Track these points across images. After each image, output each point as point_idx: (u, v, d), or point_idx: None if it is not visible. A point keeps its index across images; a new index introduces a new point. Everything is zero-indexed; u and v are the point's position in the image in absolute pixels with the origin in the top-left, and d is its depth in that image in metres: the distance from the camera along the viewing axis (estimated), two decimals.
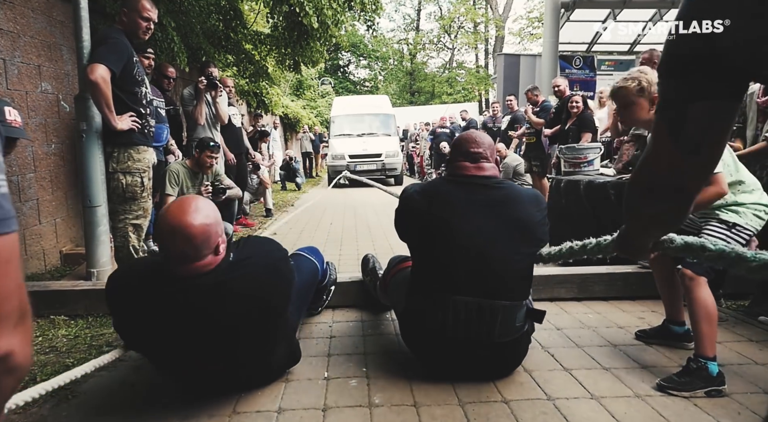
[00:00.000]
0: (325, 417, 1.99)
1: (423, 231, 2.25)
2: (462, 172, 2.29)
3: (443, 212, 2.19)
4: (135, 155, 3.43)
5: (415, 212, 2.28)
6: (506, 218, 2.17)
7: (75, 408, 2.09)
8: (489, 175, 2.28)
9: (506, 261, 2.15)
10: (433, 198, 2.25)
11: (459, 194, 2.22)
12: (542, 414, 1.97)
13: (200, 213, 1.80)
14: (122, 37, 3.34)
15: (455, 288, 2.15)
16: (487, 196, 2.20)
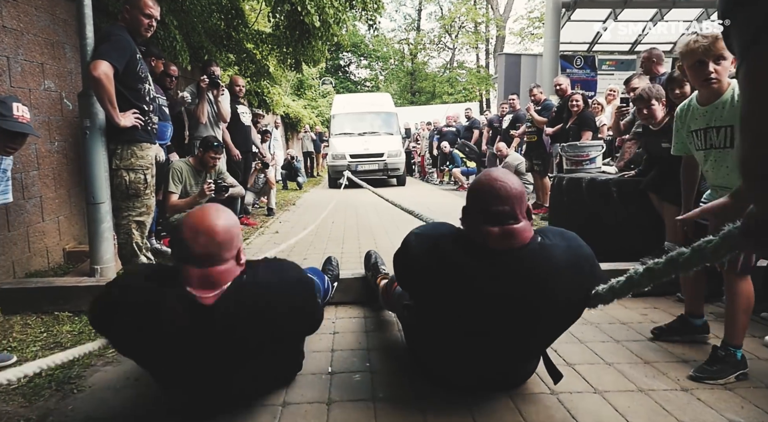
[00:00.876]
0: (330, 411, 2.00)
1: (428, 297, 1.94)
2: (483, 241, 1.80)
3: (457, 285, 1.80)
4: (138, 152, 3.44)
5: (419, 273, 1.91)
6: (541, 299, 1.77)
7: (80, 402, 2.10)
8: (522, 243, 1.79)
9: (544, 337, 1.97)
10: (445, 263, 1.83)
11: (478, 269, 1.78)
12: (546, 409, 1.98)
13: (223, 216, 1.77)
14: (125, 34, 3.35)
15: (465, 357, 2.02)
16: (515, 272, 1.77)
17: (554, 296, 1.78)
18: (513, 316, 1.80)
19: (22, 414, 1.99)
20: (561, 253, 1.80)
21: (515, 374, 2.14)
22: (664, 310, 3.10)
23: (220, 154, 4.61)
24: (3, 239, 3.76)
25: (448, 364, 2.12)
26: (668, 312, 3.06)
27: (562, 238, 1.87)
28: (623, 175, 4.13)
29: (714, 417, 1.89)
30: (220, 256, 1.73)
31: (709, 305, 3.15)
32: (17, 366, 1.51)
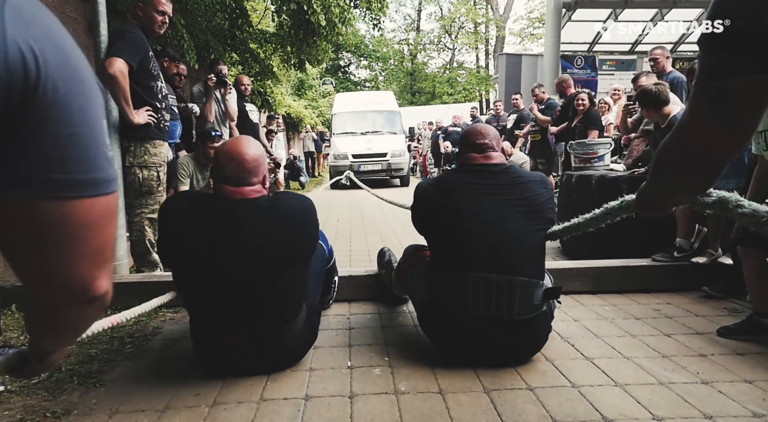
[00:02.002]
0: (353, 404, 2.01)
1: (439, 220, 2.36)
2: (471, 162, 2.43)
3: (456, 199, 2.32)
4: (151, 149, 3.45)
5: (430, 204, 2.41)
6: (515, 199, 2.30)
7: (103, 396, 2.11)
8: (496, 163, 2.41)
9: (519, 239, 2.25)
10: (445, 187, 2.39)
11: (469, 181, 2.35)
12: (568, 401, 1.99)
13: (253, 147, 2.15)
14: (138, 31, 3.36)
15: (473, 266, 2.24)
16: (495, 181, 2.34)
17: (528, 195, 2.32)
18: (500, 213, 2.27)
19: (47, 408, 2.00)
20: (529, 172, 2.51)
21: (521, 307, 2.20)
22: (677, 306, 3.12)
23: (217, 144, 4.57)
24: None
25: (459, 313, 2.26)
26: (682, 308, 3.07)
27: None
28: (633, 172, 4.15)
29: (737, 409, 1.90)
30: (249, 179, 2.10)
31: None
32: None
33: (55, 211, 0.64)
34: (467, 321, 2.24)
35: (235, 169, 2.08)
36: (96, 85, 0.69)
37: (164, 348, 2.64)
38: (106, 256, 0.74)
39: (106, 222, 0.70)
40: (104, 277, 0.74)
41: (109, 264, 0.76)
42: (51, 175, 0.63)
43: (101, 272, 0.74)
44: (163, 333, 2.86)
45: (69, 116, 0.63)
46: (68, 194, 0.65)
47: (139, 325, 2.94)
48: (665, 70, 5.59)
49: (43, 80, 0.60)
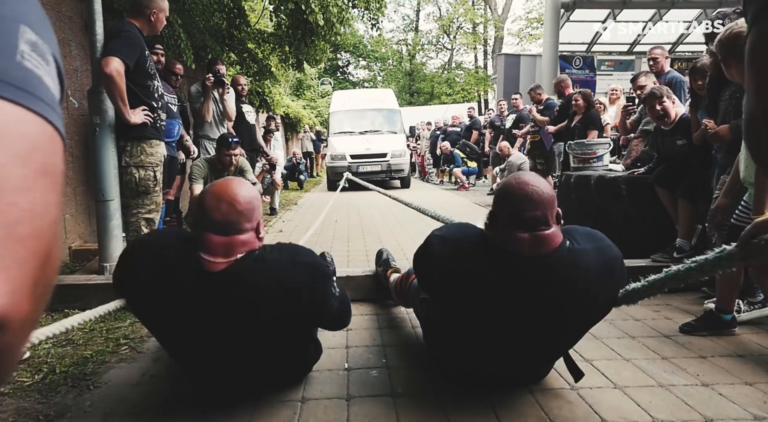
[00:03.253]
0: (350, 407, 1.99)
1: (451, 300, 1.91)
2: (514, 248, 1.76)
3: (482, 291, 1.78)
4: (148, 149, 3.42)
5: (443, 277, 1.87)
6: (569, 305, 1.76)
7: (97, 398, 2.08)
8: (550, 251, 1.74)
9: (556, 348, 2.00)
10: (470, 270, 1.80)
11: (506, 277, 1.75)
12: (568, 404, 1.97)
13: (245, 187, 1.81)
14: (134, 30, 3.34)
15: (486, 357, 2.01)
16: (545, 279, 1.73)
17: (584, 302, 1.77)
18: (540, 323, 1.79)
19: (40, 410, 1.98)
20: (590, 258, 1.77)
21: (536, 373, 2.13)
22: (676, 307, 3.10)
23: (234, 151, 4.55)
24: None
25: (466, 362, 2.10)
26: (681, 309, 3.06)
27: (590, 240, 1.84)
28: (632, 172, 4.14)
29: (737, 411, 1.89)
30: (240, 225, 1.75)
31: None
32: None
33: None
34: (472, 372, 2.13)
35: (225, 213, 1.72)
36: None
37: (159, 349, 2.60)
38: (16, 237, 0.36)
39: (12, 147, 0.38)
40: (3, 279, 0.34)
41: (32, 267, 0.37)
42: None
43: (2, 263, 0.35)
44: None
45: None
46: None
47: (134, 327, 2.91)
48: (663, 70, 5.58)
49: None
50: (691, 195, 3.50)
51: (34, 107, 0.42)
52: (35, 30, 0.46)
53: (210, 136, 5.61)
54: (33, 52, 0.45)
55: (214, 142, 5.26)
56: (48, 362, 2.43)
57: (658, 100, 3.61)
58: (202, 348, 1.84)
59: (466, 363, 2.10)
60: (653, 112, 3.68)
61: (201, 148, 5.64)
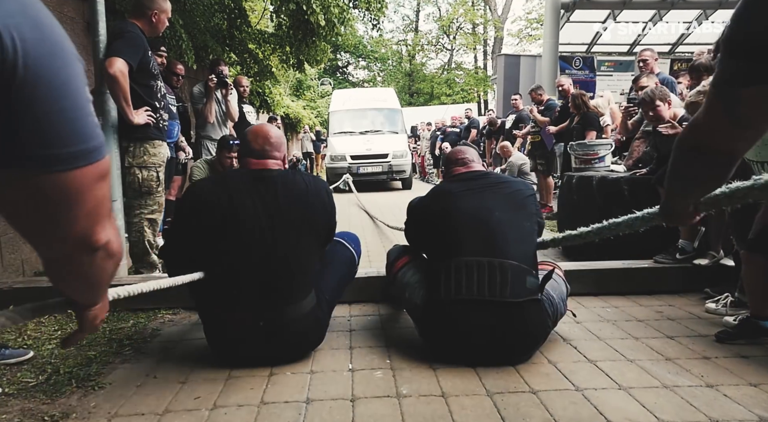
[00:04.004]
0: (355, 407, 1.99)
1: (430, 224, 2.57)
2: (455, 173, 2.71)
3: (444, 201, 2.54)
4: (151, 149, 3.43)
5: (421, 212, 2.68)
6: (498, 193, 2.50)
7: (102, 399, 2.08)
8: (478, 169, 2.71)
9: (505, 226, 2.38)
10: (434, 195, 2.68)
11: (456, 186, 2.60)
12: (572, 404, 1.97)
13: (275, 129, 2.49)
14: (137, 31, 3.34)
15: (463, 251, 2.34)
16: (479, 183, 2.57)
17: (510, 190, 2.53)
18: (487, 206, 2.42)
19: (45, 411, 1.98)
20: (507, 176, 2.80)
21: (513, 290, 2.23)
22: (679, 308, 3.10)
23: (235, 153, 4.54)
24: (12, 238, 3.74)
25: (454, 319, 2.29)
26: (683, 310, 3.06)
27: None
28: (635, 173, 4.14)
29: (743, 413, 1.89)
30: (271, 153, 2.37)
31: None
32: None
33: (55, 182, 0.71)
34: (460, 306, 2.26)
35: (261, 142, 2.35)
36: (74, 53, 0.71)
37: (163, 350, 2.61)
38: (102, 212, 0.82)
39: (99, 184, 0.77)
40: (103, 230, 0.83)
41: (107, 218, 0.83)
42: (47, 151, 0.68)
43: (99, 226, 0.82)
44: (162, 335, 2.83)
45: (55, 91, 0.66)
46: (65, 167, 0.70)
47: (137, 327, 2.92)
48: (653, 72, 5.71)
49: (22, 59, 0.62)
50: None
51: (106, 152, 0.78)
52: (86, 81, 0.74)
53: (212, 136, 5.60)
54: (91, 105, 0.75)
55: (217, 143, 5.25)
56: (52, 362, 2.44)
57: (651, 106, 3.62)
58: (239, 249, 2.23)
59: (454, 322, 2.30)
60: (648, 117, 3.70)
61: (203, 149, 5.64)
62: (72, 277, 0.93)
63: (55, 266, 0.89)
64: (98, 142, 0.75)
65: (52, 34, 0.68)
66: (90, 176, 0.74)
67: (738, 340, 2.55)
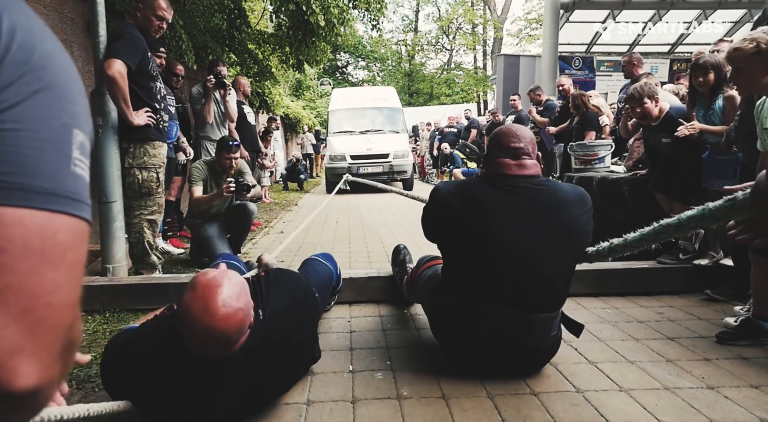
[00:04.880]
0: (355, 409, 1.99)
1: (458, 237, 2.13)
2: (502, 170, 2.12)
3: (482, 218, 2.04)
4: (151, 150, 3.42)
5: (450, 216, 2.13)
6: (551, 224, 2.04)
7: (103, 401, 2.07)
8: (531, 174, 2.11)
9: (549, 273, 2.06)
10: (471, 201, 2.09)
11: (499, 198, 2.06)
12: (573, 406, 1.97)
13: (229, 305, 1.57)
14: (136, 32, 3.34)
15: (491, 298, 2.07)
16: (529, 200, 2.05)
17: (567, 220, 2.07)
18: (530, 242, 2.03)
19: None
20: (567, 187, 2.19)
21: (537, 339, 2.13)
22: (680, 309, 3.10)
23: (235, 154, 4.53)
24: None
25: (470, 334, 2.15)
26: (685, 311, 3.06)
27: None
28: (635, 174, 4.14)
29: (744, 415, 1.89)
30: (234, 345, 1.65)
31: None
32: None
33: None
34: (478, 342, 2.16)
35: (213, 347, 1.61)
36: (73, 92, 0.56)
37: None
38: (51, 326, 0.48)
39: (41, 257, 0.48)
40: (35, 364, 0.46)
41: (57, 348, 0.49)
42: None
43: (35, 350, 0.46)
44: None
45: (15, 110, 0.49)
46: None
47: None
48: (636, 74, 5.84)
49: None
50: (684, 197, 3.50)
51: (77, 212, 0.52)
52: (82, 129, 0.56)
53: (211, 137, 5.59)
54: (81, 155, 0.55)
55: (216, 143, 5.24)
56: None
57: (638, 103, 3.62)
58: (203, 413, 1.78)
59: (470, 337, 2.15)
60: (634, 113, 3.70)
61: (202, 149, 5.63)
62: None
63: None
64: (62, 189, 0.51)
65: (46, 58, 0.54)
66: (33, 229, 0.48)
67: (739, 341, 2.55)
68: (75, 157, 0.53)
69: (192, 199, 4.35)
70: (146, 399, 1.74)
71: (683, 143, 3.46)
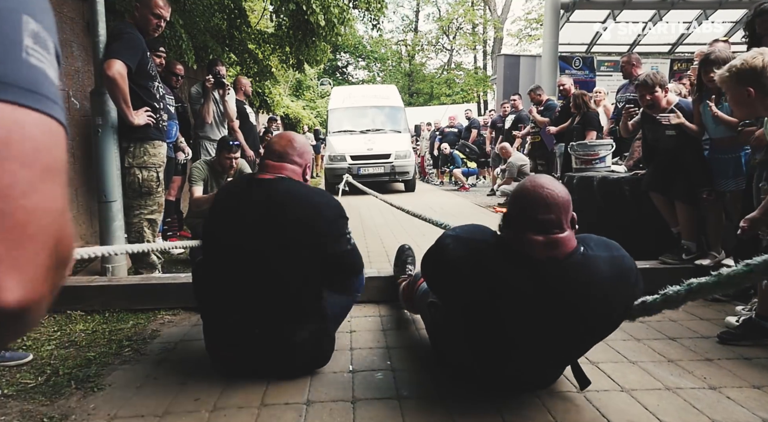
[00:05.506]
0: (355, 409, 1.98)
1: (465, 302, 1.92)
2: (529, 252, 1.76)
3: (496, 293, 1.79)
4: (151, 150, 3.42)
5: (455, 278, 1.90)
6: (583, 310, 1.75)
7: (101, 400, 2.07)
8: (564, 255, 1.75)
9: (569, 354, 1.96)
10: (477, 264, 1.83)
11: (520, 278, 1.76)
12: (575, 407, 1.96)
13: (302, 138, 2.43)
14: (135, 32, 3.33)
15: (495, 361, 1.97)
16: (559, 283, 1.73)
17: (598, 308, 1.77)
18: (550, 327, 1.78)
19: (44, 413, 1.96)
20: (604, 264, 1.77)
21: (546, 378, 2.12)
22: (681, 309, 3.08)
23: (235, 154, 4.51)
24: None
25: (475, 366, 2.07)
26: (686, 311, 3.04)
27: (605, 248, 1.84)
28: (635, 174, 4.13)
29: (746, 415, 1.88)
30: (291, 157, 2.29)
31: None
32: None
33: None
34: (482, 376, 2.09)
35: (282, 146, 2.29)
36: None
37: (163, 351, 2.60)
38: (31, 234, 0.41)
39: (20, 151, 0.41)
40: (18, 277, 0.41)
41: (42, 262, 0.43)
42: None
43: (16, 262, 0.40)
44: (162, 336, 2.82)
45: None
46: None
47: (137, 328, 2.91)
48: (635, 74, 5.82)
49: None
50: (686, 196, 3.47)
51: (40, 107, 0.44)
52: (36, 17, 0.47)
53: (211, 137, 5.58)
54: (36, 44, 0.46)
55: (215, 143, 5.23)
56: (51, 364, 2.42)
57: (649, 90, 3.58)
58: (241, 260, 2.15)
59: (476, 368, 2.07)
60: (643, 101, 3.67)
61: (202, 149, 5.62)
62: None
63: None
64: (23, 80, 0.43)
65: None
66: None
67: (742, 341, 2.54)
68: (27, 44, 0.45)
69: (192, 198, 4.35)
70: None
71: (689, 137, 3.44)
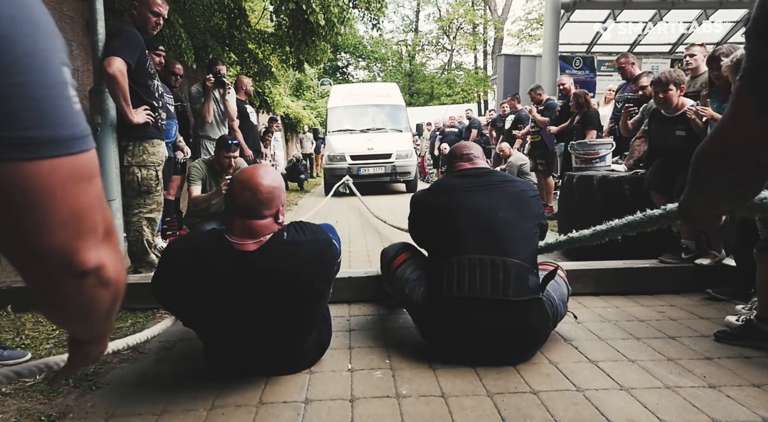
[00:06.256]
0: (354, 408, 1.97)
1: (433, 219, 2.53)
2: (459, 168, 2.69)
3: (448, 197, 2.53)
4: (150, 149, 3.41)
5: (424, 207, 2.62)
6: (502, 193, 2.50)
7: (100, 399, 2.07)
8: (482, 166, 2.68)
9: (509, 225, 2.39)
10: (438, 190, 2.65)
11: (459, 182, 2.59)
12: (574, 405, 1.96)
13: (269, 177, 2.06)
14: (134, 30, 3.33)
15: (466, 249, 2.33)
16: (483, 180, 2.56)
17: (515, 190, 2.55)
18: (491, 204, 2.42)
19: (42, 411, 1.96)
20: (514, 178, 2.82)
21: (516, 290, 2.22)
22: (681, 308, 3.09)
23: (234, 153, 4.50)
24: None
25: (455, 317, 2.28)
26: (686, 310, 3.04)
27: None
28: (636, 173, 4.12)
29: (746, 414, 1.87)
30: (260, 212, 2.00)
31: None
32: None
33: (12, 173, 0.55)
34: (462, 303, 2.25)
35: (247, 199, 1.99)
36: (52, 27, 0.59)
37: (161, 350, 2.60)
38: (89, 225, 0.63)
39: (80, 186, 0.60)
40: (92, 249, 0.64)
41: (100, 236, 0.65)
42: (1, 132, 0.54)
43: (85, 243, 0.63)
44: (160, 334, 2.79)
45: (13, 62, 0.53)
46: (18, 155, 0.55)
47: (136, 327, 2.90)
48: (633, 72, 5.83)
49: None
50: None
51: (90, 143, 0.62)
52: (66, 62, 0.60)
53: (211, 136, 5.57)
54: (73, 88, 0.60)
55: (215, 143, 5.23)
56: None
57: (663, 88, 3.56)
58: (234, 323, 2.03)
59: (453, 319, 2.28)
60: (656, 99, 3.65)
61: (202, 148, 5.61)
62: (58, 309, 0.75)
63: (38, 293, 0.70)
64: (76, 131, 0.59)
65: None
66: (63, 171, 0.58)
67: (738, 342, 2.53)
68: (72, 95, 0.60)
69: (190, 198, 4.34)
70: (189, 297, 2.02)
71: (699, 138, 3.43)
